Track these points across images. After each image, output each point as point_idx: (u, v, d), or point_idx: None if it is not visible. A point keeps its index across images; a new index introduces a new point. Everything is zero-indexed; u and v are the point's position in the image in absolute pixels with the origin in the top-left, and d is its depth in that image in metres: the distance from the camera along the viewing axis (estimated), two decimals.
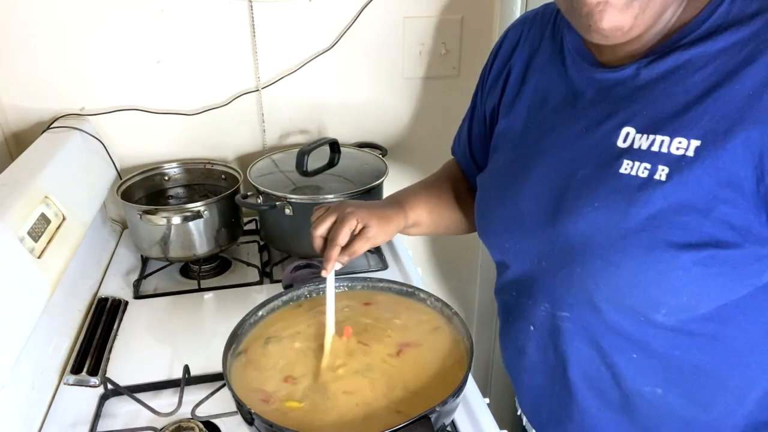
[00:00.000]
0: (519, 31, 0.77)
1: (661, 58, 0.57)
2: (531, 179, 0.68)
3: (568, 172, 0.63)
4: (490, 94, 0.80)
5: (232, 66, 1.21)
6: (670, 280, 0.56)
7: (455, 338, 0.71)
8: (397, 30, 1.25)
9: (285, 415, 0.61)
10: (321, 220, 0.75)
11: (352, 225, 0.73)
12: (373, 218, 0.75)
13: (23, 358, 0.74)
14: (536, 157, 0.68)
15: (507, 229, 0.71)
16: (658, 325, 0.61)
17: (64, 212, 0.88)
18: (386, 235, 0.77)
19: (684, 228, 0.54)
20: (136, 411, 0.79)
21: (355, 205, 0.76)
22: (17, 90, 1.13)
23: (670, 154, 0.55)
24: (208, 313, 1.03)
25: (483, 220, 0.77)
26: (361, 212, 0.74)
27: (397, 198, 0.85)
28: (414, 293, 0.79)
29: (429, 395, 0.63)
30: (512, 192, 0.70)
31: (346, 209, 0.74)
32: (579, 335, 0.66)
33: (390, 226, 0.78)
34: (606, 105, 0.62)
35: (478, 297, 1.62)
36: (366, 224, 0.74)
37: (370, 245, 0.74)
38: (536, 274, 0.69)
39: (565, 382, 0.70)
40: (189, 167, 1.22)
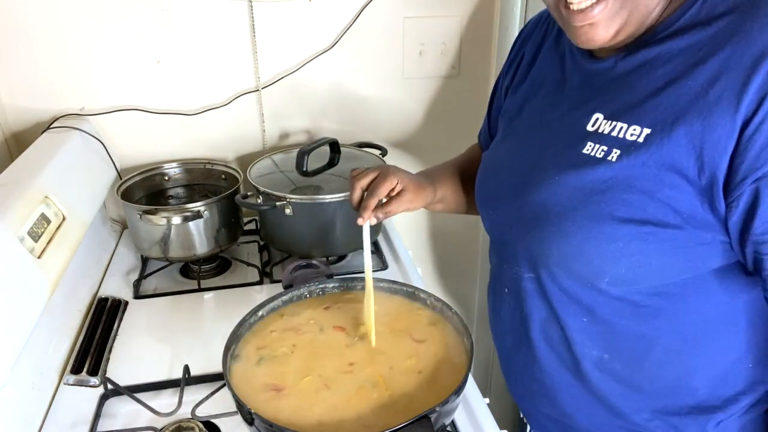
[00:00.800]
0: (537, 20, 0.83)
1: (635, 53, 0.62)
2: (513, 154, 0.75)
3: (541, 150, 0.69)
4: (506, 76, 0.85)
5: (232, 66, 1.21)
6: (611, 250, 0.61)
7: (455, 338, 0.71)
8: (397, 30, 1.25)
9: (283, 407, 0.61)
10: (363, 174, 0.79)
11: (393, 183, 0.78)
12: (410, 183, 0.81)
13: (23, 358, 0.74)
14: (521, 135, 0.75)
15: (490, 199, 0.78)
16: (603, 292, 0.65)
17: (64, 212, 0.88)
18: (419, 202, 0.83)
19: (628, 205, 0.59)
20: (136, 411, 0.79)
21: (396, 168, 0.81)
22: (17, 90, 1.13)
23: (625, 139, 0.60)
24: (208, 313, 1.03)
25: (478, 192, 0.82)
26: (402, 175, 0.80)
27: (428, 173, 0.91)
28: (414, 293, 0.79)
29: (429, 395, 0.63)
30: (498, 166, 0.77)
31: (389, 168, 0.80)
32: (539, 296, 0.72)
33: (423, 195, 0.83)
34: (585, 92, 0.67)
35: (478, 297, 1.62)
36: (405, 187, 0.80)
37: (405, 208, 0.79)
38: (508, 239, 0.75)
39: (529, 343, 0.75)
40: (189, 167, 1.22)
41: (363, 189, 0.78)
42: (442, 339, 0.72)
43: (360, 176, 0.79)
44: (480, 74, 1.34)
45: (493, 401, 0.88)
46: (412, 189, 0.81)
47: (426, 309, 0.77)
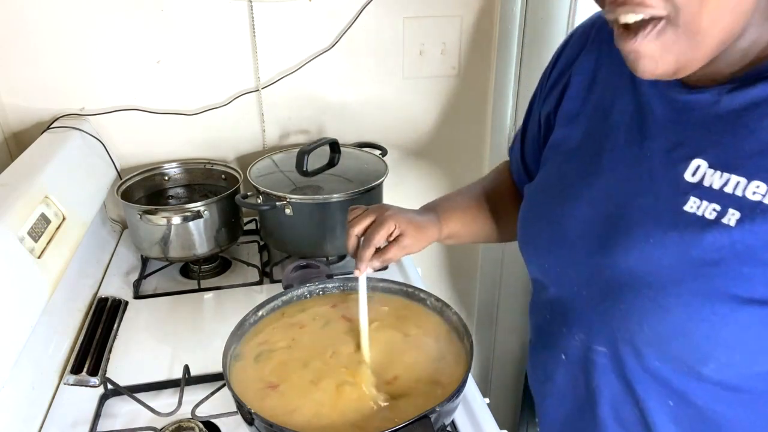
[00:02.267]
0: (585, 35, 0.69)
1: (746, 87, 0.51)
2: (582, 199, 0.62)
3: (625, 199, 0.57)
4: (547, 100, 0.73)
5: (232, 66, 1.21)
6: (725, 335, 0.50)
7: (455, 338, 0.71)
8: (397, 30, 1.25)
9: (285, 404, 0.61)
10: (359, 219, 0.74)
11: (390, 229, 0.72)
12: (410, 227, 0.73)
13: (23, 358, 0.74)
14: (591, 176, 0.62)
15: (549, 249, 0.66)
16: (702, 377, 0.55)
17: (64, 212, 0.88)
18: (420, 245, 0.75)
19: (748, 281, 0.48)
20: (136, 411, 0.79)
21: (394, 210, 0.74)
22: (17, 90, 1.13)
23: (744, 198, 0.49)
24: (208, 313, 1.03)
25: (525, 233, 0.71)
26: (400, 218, 0.73)
27: (434, 208, 0.83)
28: (414, 293, 0.79)
29: (429, 395, 0.63)
30: (560, 209, 0.64)
31: (385, 212, 0.73)
32: (614, 373, 0.62)
33: (425, 237, 0.76)
34: (678, 130, 0.55)
35: (478, 297, 1.62)
36: (403, 232, 0.73)
37: (404, 254, 0.73)
38: (574, 303, 0.64)
39: (593, 417, 0.66)
40: (189, 167, 1.22)
41: (358, 236, 0.73)
42: (442, 339, 0.72)
43: (355, 222, 0.73)
44: (480, 74, 1.34)
45: (493, 401, 0.88)
46: (412, 232, 0.73)
47: (426, 309, 0.77)
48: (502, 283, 1.62)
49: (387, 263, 0.73)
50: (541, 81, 0.77)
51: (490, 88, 1.36)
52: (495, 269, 1.59)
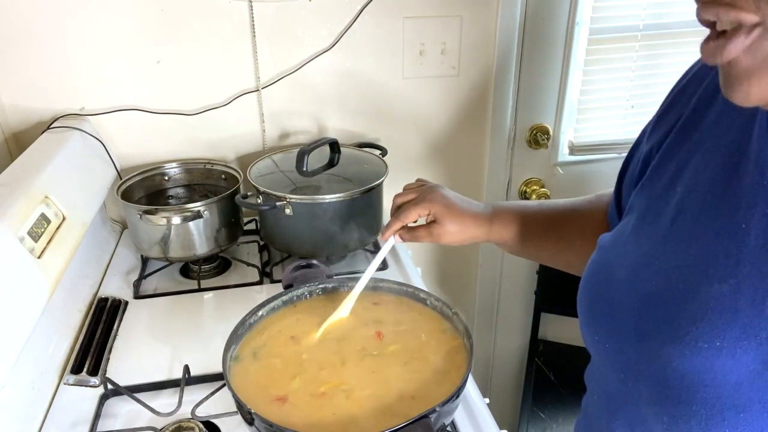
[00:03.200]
0: None
1: None
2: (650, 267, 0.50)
3: (698, 280, 0.45)
4: (655, 130, 0.58)
5: (232, 66, 1.21)
6: None
7: (455, 338, 0.71)
8: (397, 30, 1.25)
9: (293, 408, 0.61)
10: (407, 190, 0.76)
11: (423, 211, 0.73)
12: (447, 216, 0.73)
13: (23, 358, 0.75)
14: (665, 241, 0.49)
15: (595, 317, 0.55)
16: None
17: (64, 212, 0.88)
18: (455, 238, 0.74)
19: None
20: (136, 411, 0.79)
21: (440, 196, 0.74)
22: (17, 90, 1.13)
23: None
24: (208, 313, 1.03)
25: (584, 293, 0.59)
26: (439, 205, 0.73)
27: (497, 208, 0.77)
28: (414, 293, 0.78)
29: (429, 395, 0.63)
30: (617, 273, 0.53)
31: (429, 194, 0.74)
32: None
33: (464, 232, 0.74)
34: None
35: (478, 297, 1.62)
36: (437, 219, 0.73)
37: (433, 240, 0.74)
38: (617, 392, 0.53)
39: None
40: (189, 167, 1.22)
41: (398, 206, 0.75)
42: (442, 339, 0.72)
43: (403, 192, 0.75)
44: (480, 74, 1.34)
45: (493, 401, 0.88)
46: (448, 222, 0.72)
47: (426, 309, 0.77)
48: (502, 283, 1.62)
49: (414, 241, 0.74)
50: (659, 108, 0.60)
51: (490, 88, 1.36)
52: (495, 269, 1.59)
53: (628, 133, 1.45)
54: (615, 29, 1.34)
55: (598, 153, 1.45)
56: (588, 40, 1.34)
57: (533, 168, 1.49)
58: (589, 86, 1.39)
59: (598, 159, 1.47)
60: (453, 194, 0.77)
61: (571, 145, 1.45)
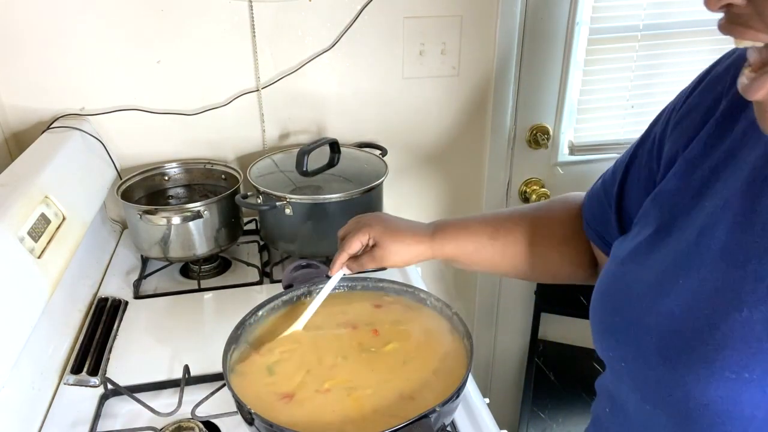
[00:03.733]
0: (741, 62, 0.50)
1: None
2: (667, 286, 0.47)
3: (724, 303, 0.42)
4: (675, 132, 0.54)
5: (232, 66, 1.21)
6: None
7: (455, 338, 0.71)
8: (397, 30, 1.25)
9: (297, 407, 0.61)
10: (348, 222, 0.77)
11: (363, 238, 0.74)
12: (387, 237, 0.73)
13: (23, 358, 0.74)
14: (690, 258, 0.46)
15: (612, 334, 0.53)
16: None
17: (64, 212, 0.88)
18: (399, 259, 0.73)
19: None
20: (136, 411, 0.79)
21: (379, 221, 0.74)
22: (17, 90, 1.13)
23: None
24: (208, 313, 1.03)
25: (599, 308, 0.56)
26: (378, 228, 0.73)
27: (438, 225, 0.76)
28: (414, 293, 0.78)
29: (428, 395, 0.63)
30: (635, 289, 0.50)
31: (369, 220, 0.75)
32: None
33: (407, 252, 0.73)
34: None
35: (478, 297, 1.62)
36: (377, 243, 0.73)
37: (376, 265, 0.74)
38: (634, 411, 0.51)
39: None
40: (189, 167, 1.22)
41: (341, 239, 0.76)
42: (442, 339, 0.72)
43: (345, 227, 0.77)
44: (480, 74, 1.34)
45: (493, 401, 0.88)
46: (388, 245, 0.72)
47: (426, 309, 0.77)
48: (502, 283, 1.62)
49: (360, 269, 0.74)
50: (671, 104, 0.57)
51: (490, 88, 1.36)
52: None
53: (628, 133, 1.45)
54: (615, 29, 1.34)
55: (598, 153, 1.45)
56: (588, 40, 1.34)
57: (533, 168, 1.49)
58: (589, 86, 1.39)
59: (598, 159, 1.47)
60: (393, 217, 0.78)
61: (571, 145, 1.45)
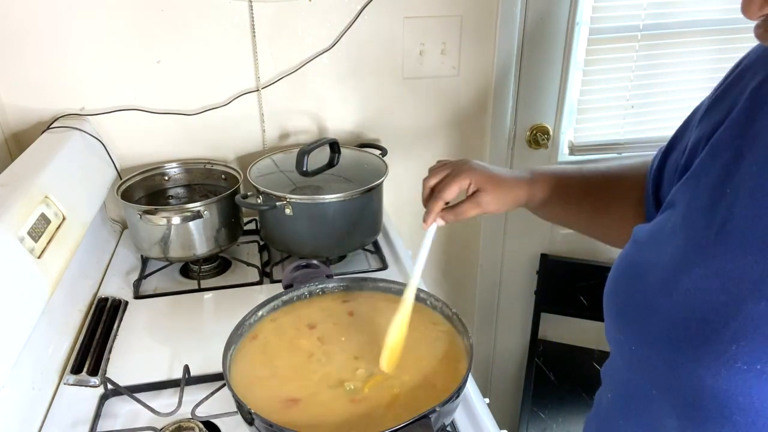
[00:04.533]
0: None
1: None
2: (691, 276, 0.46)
3: (742, 294, 0.41)
4: (705, 119, 0.54)
5: (232, 66, 1.21)
6: None
7: (455, 338, 0.71)
8: (397, 30, 1.25)
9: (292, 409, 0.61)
10: (435, 171, 0.71)
11: (464, 184, 0.69)
12: (488, 183, 0.69)
13: (23, 358, 0.74)
14: (710, 246, 0.45)
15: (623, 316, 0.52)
16: None
17: (64, 212, 0.88)
18: (501, 205, 0.70)
19: None
20: (136, 411, 0.79)
21: (475, 166, 0.70)
22: (17, 90, 1.13)
23: None
24: (208, 313, 1.03)
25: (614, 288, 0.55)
26: (478, 174, 0.69)
27: (534, 171, 0.74)
28: (414, 293, 0.78)
29: (428, 395, 0.63)
30: (652, 273, 0.49)
31: (464, 166, 0.70)
32: None
33: (507, 197, 0.70)
34: None
35: (478, 297, 1.62)
36: (480, 188, 0.69)
37: (480, 211, 0.70)
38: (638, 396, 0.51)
39: None
40: (189, 167, 1.22)
41: (431, 188, 0.70)
42: (442, 339, 0.72)
43: (431, 174, 0.70)
44: (480, 74, 1.34)
45: (493, 401, 0.88)
46: (491, 189, 0.68)
47: (426, 309, 0.77)
48: (502, 283, 1.62)
49: (460, 218, 0.69)
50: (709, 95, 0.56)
51: (490, 88, 1.36)
52: (495, 269, 1.59)
53: (628, 133, 1.44)
54: (615, 29, 1.34)
55: (598, 153, 1.45)
56: (588, 40, 1.34)
57: None
58: (589, 86, 1.39)
59: (598, 159, 1.47)
60: (484, 163, 0.73)
61: (571, 145, 1.45)
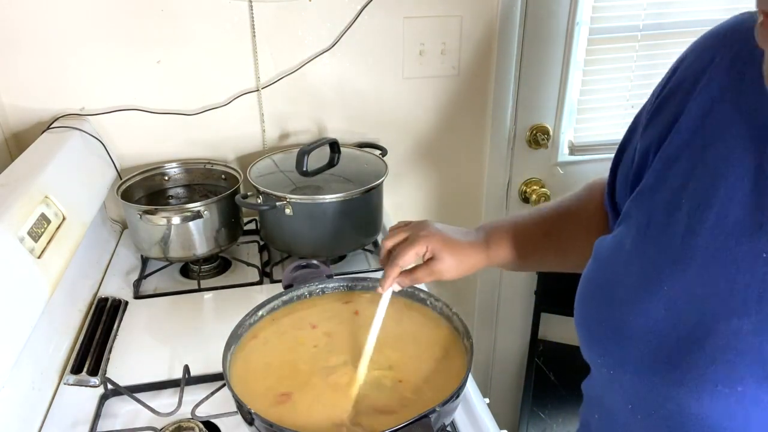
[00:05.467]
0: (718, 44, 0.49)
1: None
2: (659, 295, 0.44)
3: (712, 312, 0.40)
4: (650, 128, 0.52)
5: (232, 66, 1.21)
6: None
7: (455, 338, 0.71)
8: (397, 30, 1.25)
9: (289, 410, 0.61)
10: (394, 232, 0.71)
11: (420, 251, 0.67)
12: (446, 251, 0.67)
13: (23, 358, 0.75)
14: (678, 263, 0.44)
15: (606, 346, 0.50)
16: None
17: (64, 212, 0.88)
18: (457, 272, 0.69)
19: None
20: (136, 411, 0.79)
21: (434, 231, 0.68)
22: (17, 90, 1.13)
23: None
24: (208, 313, 1.03)
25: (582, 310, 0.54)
26: (434, 241, 0.67)
27: (488, 232, 0.72)
28: (414, 293, 0.78)
29: (428, 395, 0.63)
30: (629, 298, 0.47)
31: (421, 231, 0.68)
32: None
33: (463, 264, 0.69)
34: None
35: (478, 297, 1.62)
36: (435, 255, 0.67)
37: (435, 278, 0.68)
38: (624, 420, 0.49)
39: None
40: (189, 167, 1.22)
41: (389, 250, 0.69)
42: (442, 339, 0.72)
43: (389, 235, 0.70)
44: (480, 74, 1.34)
45: (493, 401, 0.88)
46: (447, 257, 0.67)
47: (426, 309, 0.77)
48: (502, 283, 1.62)
49: (415, 283, 0.69)
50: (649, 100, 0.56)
51: (490, 88, 1.36)
52: (495, 269, 1.59)
53: None
54: (615, 29, 1.34)
55: (598, 153, 1.45)
56: (588, 40, 1.34)
57: (533, 168, 1.49)
58: (589, 86, 1.39)
59: (598, 159, 1.47)
60: (443, 226, 0.72)
61: (571, 145, 1.45)
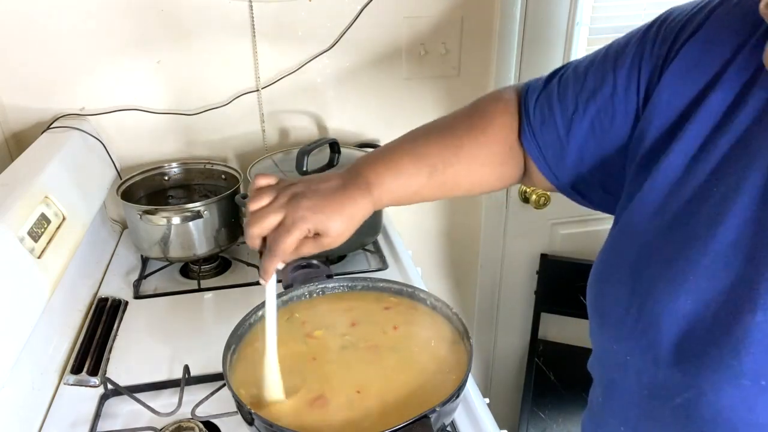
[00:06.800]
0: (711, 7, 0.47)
1: None
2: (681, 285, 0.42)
3: (739, 304, 0.38)
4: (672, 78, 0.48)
5: (232, 66, 1.21)
6: None
7: (455, 338, 0.71)
8: (397, 30, 1.25)
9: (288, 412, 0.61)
10: (262, 214, 0.56)
11: (301, 235, 0.56)
12: (329, 221, 0.56)
13: (23, 358, 0.74)
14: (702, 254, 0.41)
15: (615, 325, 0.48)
16: None
17: (64, 212, 0.88)
18: (347, 235, 0.59)
19: None
20: (136, 411, 0.79)
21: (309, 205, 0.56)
22: (17, 90, 1.13)
23: None
24: (208, 313, 1.03)
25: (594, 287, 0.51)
26: (315, 217, 0.56)
27: (369, 176, 0.61)
28: (414, 293, 0.78)
29: (428, 395, 0.63)
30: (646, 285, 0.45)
31: (296, 212, 0.55)
32: None
33: (352, 223, 0.59)
34: None
35: (478, 297, 1.62)
36: (321, 231, 0.56)
37: (323, 250, 0.59)
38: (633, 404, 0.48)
39: None
40: (189, 167, 1.22)
41: (261, 237, 0.57)
42: (442, 339, 0.72)
43: (254, 219, 0.56)
44: (480, 74, 1.34)
45: (493, 401, 0.88)
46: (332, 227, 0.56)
47: (426, 309, 0.77)
48: (502, 283, 1.62)
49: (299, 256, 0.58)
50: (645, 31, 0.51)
51: (490, 88, 1.36)
52: (495, 269, 1.59)
53: None
54: (615, 29, 1.34)
55: None
56: (588, 40, 1.34)
57: None
58: None
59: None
60: (315, 186, 0.59)
61: None
